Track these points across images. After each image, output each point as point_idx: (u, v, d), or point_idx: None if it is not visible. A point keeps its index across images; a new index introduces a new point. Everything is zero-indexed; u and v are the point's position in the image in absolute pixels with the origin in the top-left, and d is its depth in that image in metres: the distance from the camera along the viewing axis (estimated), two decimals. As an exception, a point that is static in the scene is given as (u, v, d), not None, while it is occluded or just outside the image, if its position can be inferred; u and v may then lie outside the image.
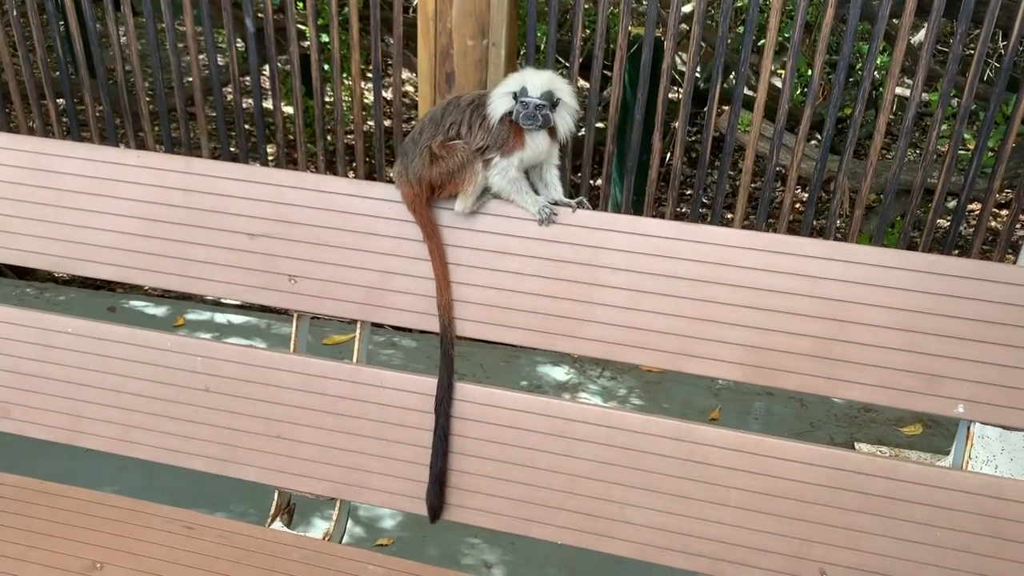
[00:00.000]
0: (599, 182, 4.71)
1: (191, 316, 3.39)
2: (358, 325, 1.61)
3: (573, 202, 1.50)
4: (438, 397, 1.51)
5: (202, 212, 1.59)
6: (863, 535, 1.43)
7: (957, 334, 1.38)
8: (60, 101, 3.51)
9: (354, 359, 1.62)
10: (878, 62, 3.51)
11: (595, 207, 3.98)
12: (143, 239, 1.61)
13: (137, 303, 3.47)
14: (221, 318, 3.37)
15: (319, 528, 2.36)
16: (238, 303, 3.42)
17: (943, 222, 4.65)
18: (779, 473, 1.45)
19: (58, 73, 3.38)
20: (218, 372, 1.61)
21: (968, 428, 1.42)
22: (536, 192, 1.52)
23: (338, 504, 1.64)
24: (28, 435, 1.69)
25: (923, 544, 1.40)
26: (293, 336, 1.64)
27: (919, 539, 1.41)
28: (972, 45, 4.82)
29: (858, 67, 4.64)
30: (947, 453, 2.70)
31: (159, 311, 3.43)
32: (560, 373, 3.16)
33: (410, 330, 3.16)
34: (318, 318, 1.63)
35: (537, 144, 1.47)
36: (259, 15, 3.22)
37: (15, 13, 3.23)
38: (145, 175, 1.60)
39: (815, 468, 1.45)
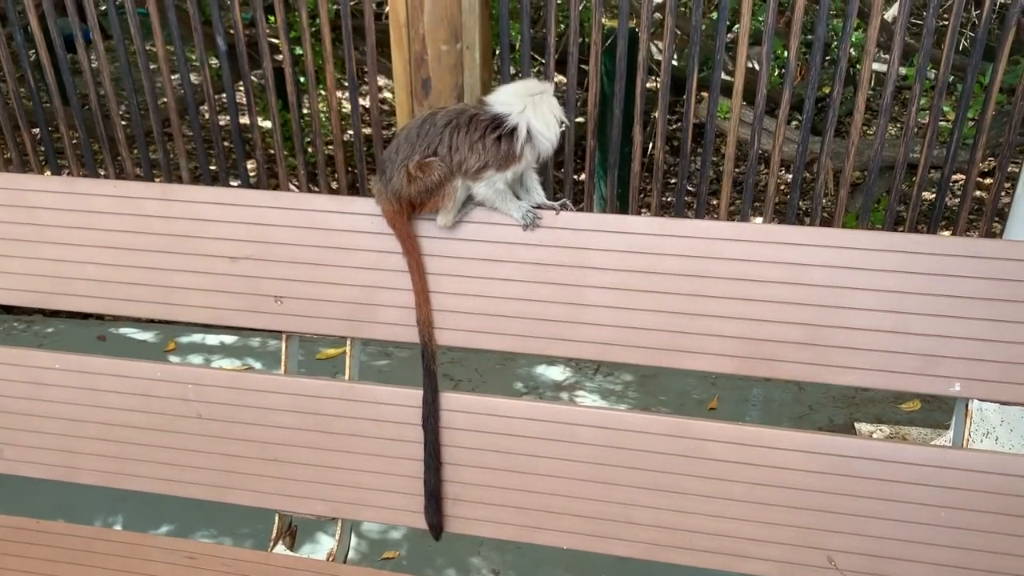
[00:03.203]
0: (582, 177, 4.71)
1: (182, 339, 3.37)
2: (348, 342, 1.60)
3: (556, 204, 1.49)
4: (424, 413, 1.49)
5: (182, 238, 1.57)
6: (869, 520, 1.42)
7: (947, 312, 1.37)
8: (35, 131, 3.48)
9: (346, 376, 1.61)
10: (853, 39, 3.50)
11: (579, 203, 3.99)
12: (125, 269, 1.60)
13: (127, 330, 3.45)
14: (213, 339, 3.35)
15: (324, 545, 2.35)
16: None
17: (928, 195, 4.65)
18: (781, 463, 1.44)
19: (31, 103, 3.34)
20: (209, 399, 1.59)
21: (966, 406, 1.41)
22: (517, 197, 1.51)
23: (340, 523, 1.63)
24: (21, 474, 1.67)
25: (929, 524, 1.40)
26: (283, 357, 1.62)
27: (924, 520, 1.40)
28: (945, 16, 4.81)
29: (833, 45, 4.64)
30: (947, 427, 2.70)
31: (149, 336, 3.40)
32: (556, 373, 3.15)
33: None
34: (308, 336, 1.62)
35: (531, 155, 1.46)
36: (230, 31, 3.20)
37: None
38: (123, 204, 1.58)
39: (816, 456, 1.44)
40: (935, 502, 1.39)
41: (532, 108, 1.43)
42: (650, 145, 4.75)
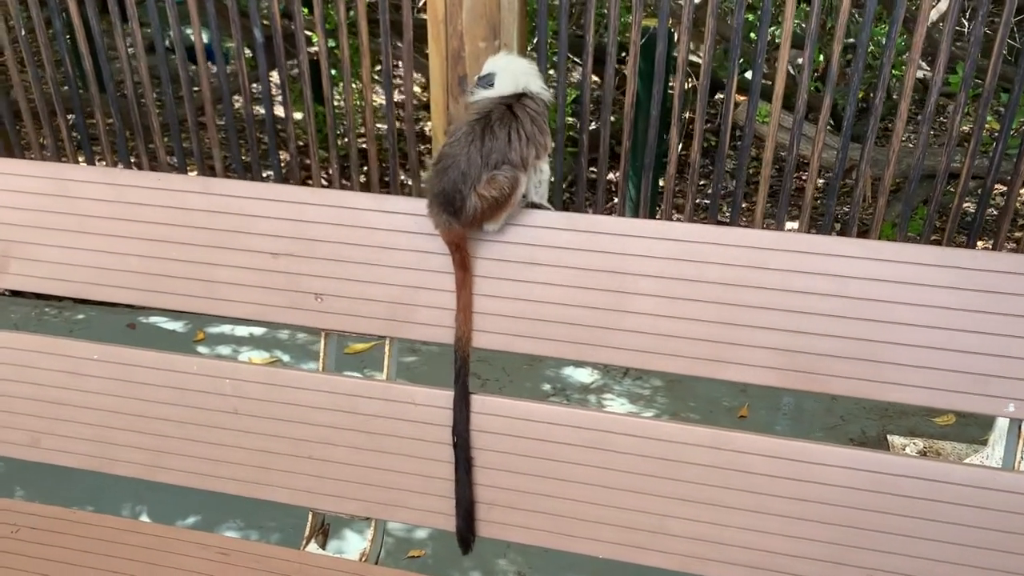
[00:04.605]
0: (606, 177, 4.69)
1: (211, 330, 3.38)
2: (387, 341, 1.59)
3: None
4: (456, 429, 1.48)
5: (224, 233, 1.57)
6: (911, 539, 1.39)
7: (1001, 330, 1.34)
8: (70, 116, 3.50)
9: (383, 375, 1.60)
10: (898, 45, 3.45)
11: (609, 203, 3.91)
12: (165, 262, 1.59)
13: (156, 319, 3.46)
14: (242, 331, 3.36)
15: (350, 542, 2.35)
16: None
17: (968, 205, 4.59)
18: (822, 479, 1.42)
19: (66, 88, 3.36)
20: (246, 394, 1.59)
21: (1020, 427, 1.38)
22: None
23: (373, 524, 1.62)
24: (58, 463, 1.67)
25: (975, 548, 1.37)
26: (322, 354, 1.62)
27: (970, 543, 1.37)
28: (993, 22, 4.73)
29: (870, 50, 4.57)
30: (983, 443, 2.66)
31: (178, 326, 3.42)
32: (584, 375, 3.13)
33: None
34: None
35: None
36: (265, 23, 3.20)
37: (23, 32, 3.21)
38: (165, 197, 1.58)
39: (859, 472, 1.41)
40: (983, 524, 1.36)
41: (532, 79, 1.48)
42: (679, 145, 4.71)
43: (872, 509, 1.41)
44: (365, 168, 3.27)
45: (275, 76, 3.32)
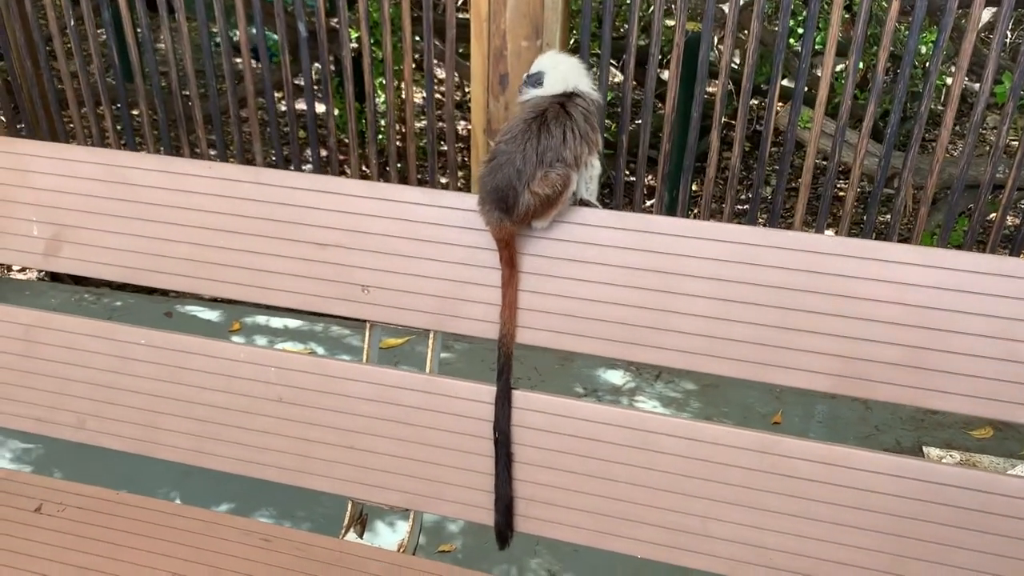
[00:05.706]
0: (632, 179, 4.68)
1: (246, 320, 3.41)
2: (431, 335, 1.59)
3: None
4: (497, 427, 1.49)
5: (275, 223, 1.58)
6: (960, 551, 1.38)
7: (1057, 342, 1.32)
8: (114, 106, 3.55)
9: (427, 369, 1.60)
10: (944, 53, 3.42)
11: (647, 201, 3.87)
12: (215, 250, 1.61)
13: (192, 308, 3.50)
14: (277, 322, 3.38)
15: (379, 531, 2.36)
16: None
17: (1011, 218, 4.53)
18: (870, 486, 1.41)
19: (110, 77, 3.41)
20: (291, 383, 1.60)
21: (1072, 441, 1.36)
22: None
23: (412, 515, 1.63)
24: (103, 446, 1.70)
25: (1022, 560, 1.35)
26: (366, 346, 1.63)
27: (1018, 555, 1.35)
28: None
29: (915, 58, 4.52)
30: (1021, 457, 2.62)
31: (214, 316, 3.45)
32: (616, 376, 3.12)
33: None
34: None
35: None
36: (311, 19, 3.23)
37: (72, 22, 3.26)
38: (217, 186, 1.60)
39: (905, 480, 1.40)
40: (1034, 538, 1.34)
41: (582, 79, 1.48)
42: (718, 150, 4.69)
43: (917, 518, 1.40)
44: (399, 165, 3.28)
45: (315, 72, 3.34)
